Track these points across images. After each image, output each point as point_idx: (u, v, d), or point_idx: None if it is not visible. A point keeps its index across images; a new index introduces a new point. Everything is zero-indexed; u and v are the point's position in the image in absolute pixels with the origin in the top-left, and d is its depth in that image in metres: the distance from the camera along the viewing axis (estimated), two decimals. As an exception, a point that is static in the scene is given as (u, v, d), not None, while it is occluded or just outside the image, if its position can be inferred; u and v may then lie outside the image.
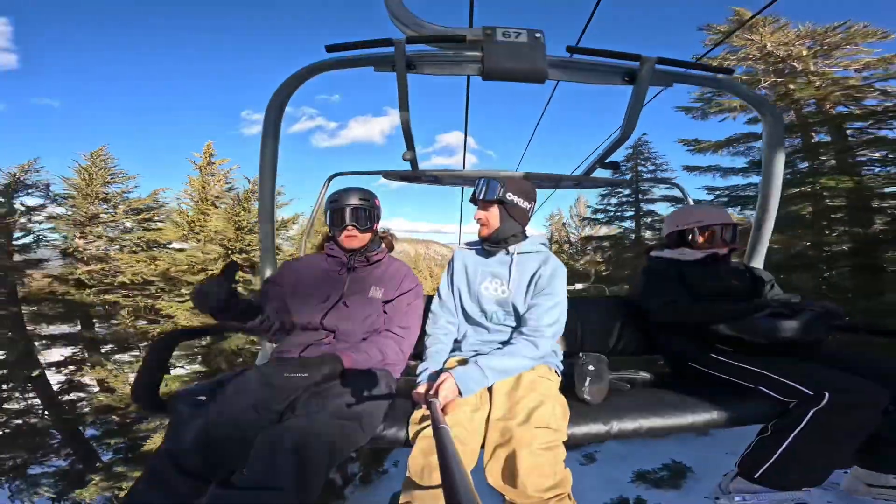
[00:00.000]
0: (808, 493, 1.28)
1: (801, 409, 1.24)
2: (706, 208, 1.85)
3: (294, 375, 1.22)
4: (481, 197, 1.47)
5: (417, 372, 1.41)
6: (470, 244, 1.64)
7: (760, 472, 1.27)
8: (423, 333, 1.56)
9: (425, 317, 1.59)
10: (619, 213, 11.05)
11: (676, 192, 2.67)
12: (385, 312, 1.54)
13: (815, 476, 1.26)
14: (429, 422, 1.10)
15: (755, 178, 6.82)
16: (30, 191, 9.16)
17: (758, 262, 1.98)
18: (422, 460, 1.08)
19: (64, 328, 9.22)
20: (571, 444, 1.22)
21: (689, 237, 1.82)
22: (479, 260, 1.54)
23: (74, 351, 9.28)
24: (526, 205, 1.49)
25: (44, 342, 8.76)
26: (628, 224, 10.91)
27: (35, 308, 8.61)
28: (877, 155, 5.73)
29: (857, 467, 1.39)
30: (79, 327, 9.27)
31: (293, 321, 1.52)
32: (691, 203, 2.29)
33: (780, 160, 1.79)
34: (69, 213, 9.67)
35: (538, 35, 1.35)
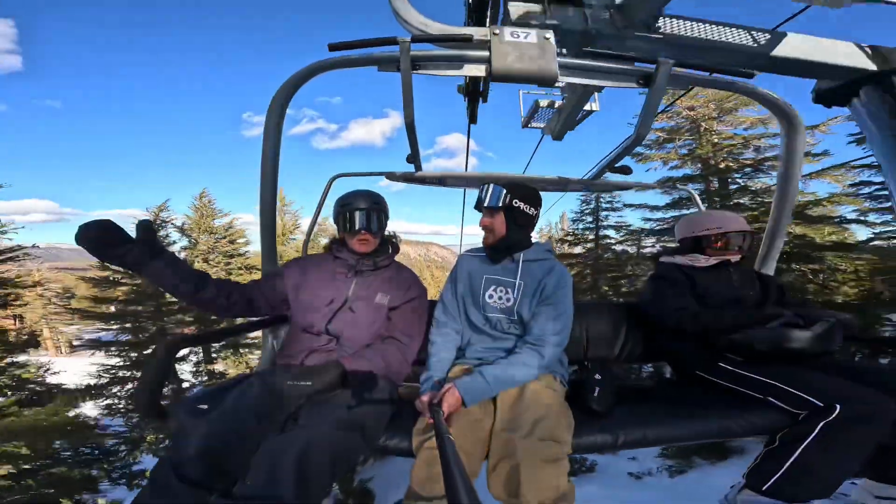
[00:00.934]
0: None
1: (811, 420, 1.23)
2: (724, 214, 1.81)
3: (297, 384, 1.20)
4: (487, 204, 1.44)
5: (421, 380, 1.39)
6: (474, 250, 1.61)
7: (769, 484, 1.26)
8: (426, 341, 1.55)
9: (429, 324, 1.57)
10: (583, 236, 12.49)
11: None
12: (390, 319, 1.52)
13: (824, 488, 1.25)
14: (432, 432, 1.09)
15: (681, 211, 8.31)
16: (166, 227, 11.08)
17: (769, 270, 1.95)
18: (425, 471, 1.08)
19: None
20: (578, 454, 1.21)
21: (704, 243, 1.78)
22: (483, 267, 1.52)
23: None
24: (532, 211, 1.46)
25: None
26: (591, 245, 12.37)
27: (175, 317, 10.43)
28: (744, 200, 7.46)
29: (866, 479, 1.38)
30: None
31: (296, 323, 1.50)
32: (703, 209, 2.25)
33: (798, 168, 1.75)
34: (191, 244, 12.70)
35: (548, 35, 1.31)
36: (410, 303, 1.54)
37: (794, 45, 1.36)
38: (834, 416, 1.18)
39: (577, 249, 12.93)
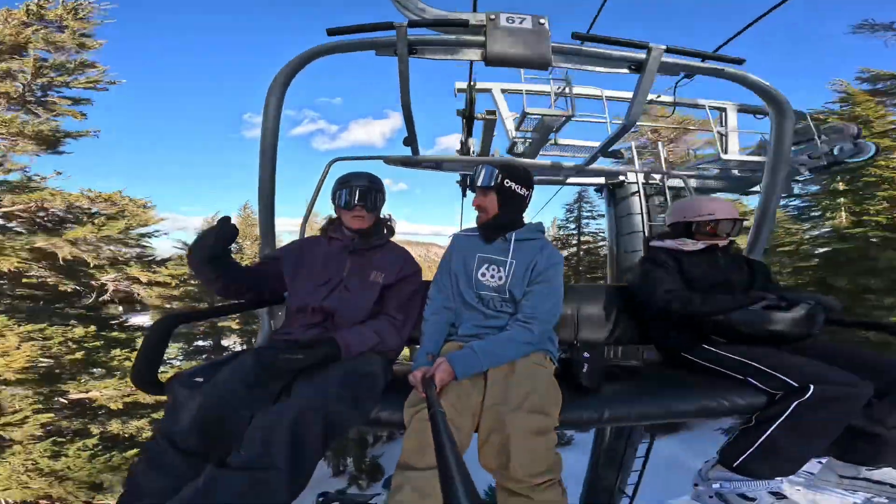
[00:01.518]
0: (780, 482, 1.33)
1: (784, 400, 1.27)
2: (717, 201, 1.84)
3: (290, 357, 1.22)
4: (479, 183, 1.47)
5: (414, 356, 1.42)
6: (468, 230, 1.64)
7: (739, 461, 1.31)
8: (420, 318, 1.57)
9: (424, 302, 1.60)
10: (568, 241, 14.25)
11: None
12: (384, 296, 1.55)
13: (789, 466, 1.30)
14: (424, 405, 1.12)
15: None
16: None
17: (757, 255, 1.99)
18: (416, 442, 1.10)
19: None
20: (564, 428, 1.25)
21: (695, 228, 1.82)
22: (477, 246, 1.54)
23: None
24: (524, 191, 1.49)
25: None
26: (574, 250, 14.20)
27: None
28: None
29: (831, 458, 1.43)
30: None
31: (292, 302, 1.53)
32: (694, 196, 2.28)
33: (787, 154, 1.78)
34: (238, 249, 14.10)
35: (542, 21, 1.32)
36: (404, 280, 1.57)
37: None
38: (807, 396, 1.22)
39: (564, 253, 14.25)
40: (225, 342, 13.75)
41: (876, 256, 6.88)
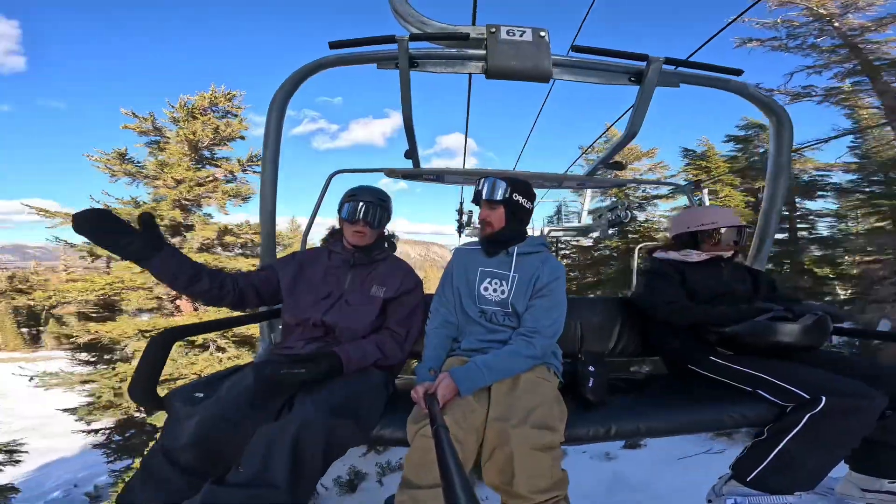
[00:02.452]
0: (800, 496, 1.28)
1: (797, 412, 1.24)
2: (719, 210, 1.83)
3: (291, 372, 1.21)
4: (487, 197, 1.46)
5: (416, 370, 1.40)
6: (469, 244, 1.63)
7: (753, 475, 1.27)
8: (422, 332, 1.56)
9: (426, 316, 1.58)
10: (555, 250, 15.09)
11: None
12: (386, 310, 1.54)
13: (807, 480, 1.26)
14: (427, 421, 1.10)
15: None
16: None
17: (760, 265, 1.98)
18: (419, 459, 1.08)
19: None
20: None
21: (699, 238, 1.81)
22: (479, 260, 1.54)
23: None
24: (529, 205, 1.49)
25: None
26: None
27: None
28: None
29: (851, 471, 1.39)
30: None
31: (293, 315, 1.51)
32: (697, 206, 2.28)
33: (787, 164, 1.78)
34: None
35: (543, 34, 1.34)
36: (406, 295, 1.55)
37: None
38: (819, 408, 1.19)
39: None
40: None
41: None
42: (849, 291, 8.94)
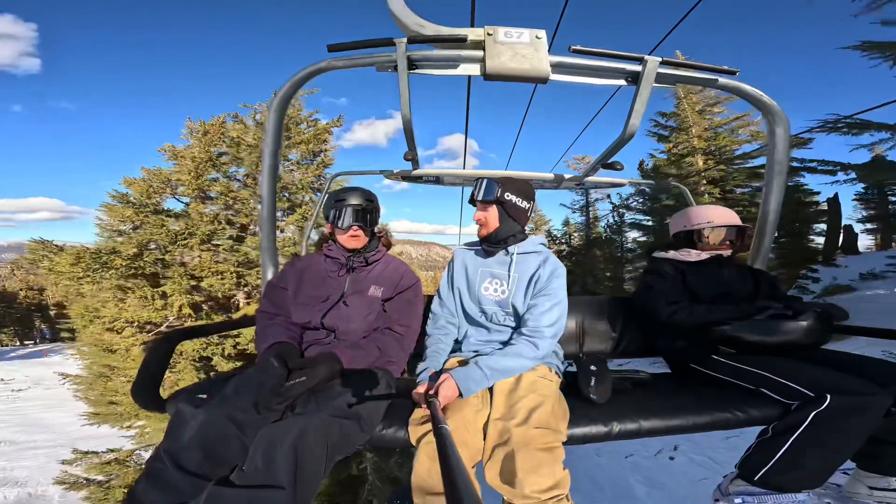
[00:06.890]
0: (808, 495, 1.28)
1: (802, 410, 1.24)
2: (716, 208, 1.83)
3: (294, 383, 1.21)
4: (479, 197, 1.47)
5: (417, 371, 1.41)
6: (470, 244, 1.64)
7: (760, 473, 1.27)
8: (423, 333, 1.56)
9: (425, 314, 1.58)
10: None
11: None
12: (385, 311, 1.54)
13: (815, 478, 1.25)
14: (430, 423, 1.10)
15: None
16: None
17: (760, 264, 1.97)
18: (427, 465, 1.08)
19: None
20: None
21: (696, 237, 1.81)
22: (478, 260, 1.54)
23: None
24: (525, 204, 1.49)
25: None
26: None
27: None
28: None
29: (858, 469, 1.38)
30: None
31: (296, 320, 1.52)
32: (695, 205, 2.27)
33: (785, 163, 1.78)
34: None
35: (540, 35, 1.35)
36: (404, 293, 1.56)
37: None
38: (824, 406, 1.19)
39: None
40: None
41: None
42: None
